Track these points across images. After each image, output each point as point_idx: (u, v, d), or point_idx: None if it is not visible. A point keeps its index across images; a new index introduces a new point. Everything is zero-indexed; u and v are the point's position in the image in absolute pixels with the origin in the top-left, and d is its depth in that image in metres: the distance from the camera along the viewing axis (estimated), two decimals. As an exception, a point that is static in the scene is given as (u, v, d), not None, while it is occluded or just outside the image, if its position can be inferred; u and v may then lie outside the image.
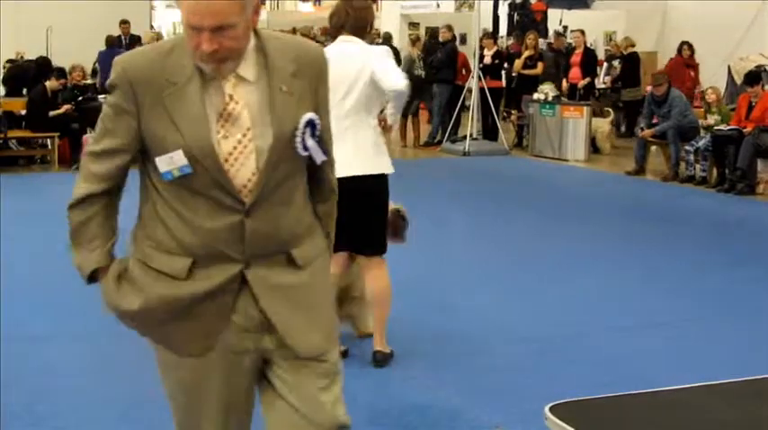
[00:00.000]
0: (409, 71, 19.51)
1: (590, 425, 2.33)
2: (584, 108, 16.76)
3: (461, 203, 12.24)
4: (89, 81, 17.26)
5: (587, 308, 7.26)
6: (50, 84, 14.65)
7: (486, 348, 6.19)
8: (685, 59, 18.31)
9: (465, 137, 17.46)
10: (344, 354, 5.50)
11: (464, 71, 18.29)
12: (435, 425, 4.95)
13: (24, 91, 15.89)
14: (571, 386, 5.08)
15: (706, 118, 14.36)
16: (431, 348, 6.15)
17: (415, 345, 6.11)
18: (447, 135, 18.00)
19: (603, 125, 17.33)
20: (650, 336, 6.54)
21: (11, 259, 8.26)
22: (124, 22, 20.21)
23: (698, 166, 13.92)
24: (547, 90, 17.33)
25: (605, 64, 20.18)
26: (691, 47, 18.20)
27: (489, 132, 17.97)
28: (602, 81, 19.94)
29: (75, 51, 18.34)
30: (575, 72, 18.36)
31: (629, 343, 6.39)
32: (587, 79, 18.29)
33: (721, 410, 2.59)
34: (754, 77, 14.09)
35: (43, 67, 16.17)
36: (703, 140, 13.86)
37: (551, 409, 2.47)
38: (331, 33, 5.50)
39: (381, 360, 5.63)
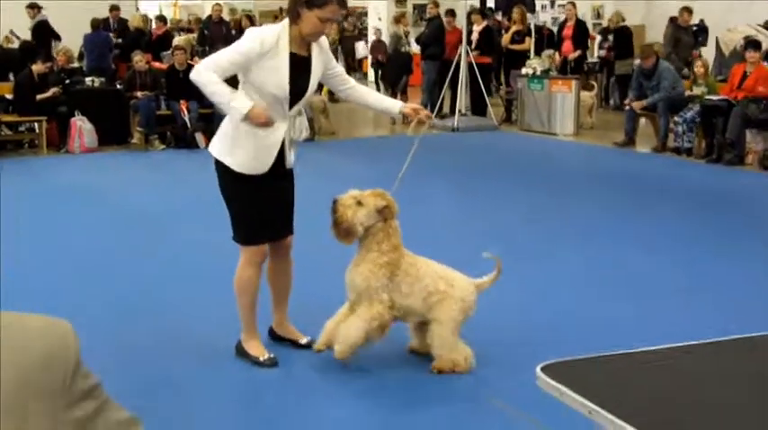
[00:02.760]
0: (395, 49, 19.57)
1: (581, 383, 2.36)
2: (573, 82, 16.78)
3: (451, 179, 12.26)
4: (75, 64, 17.22)
5: (577, 280, 7.29)
6: (37, 67, 14.59)
7: (479, 321, 6.19)
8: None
9: (454, 112, 17.46)
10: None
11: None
12: (430, 397, 4.96)
13: (11, 75, 15.84)
14: (562, 355, 5.11)
15: (692, 89, 14.37)
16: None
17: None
18: (436, 111, 18.00)
19: (586, 98, 17.31)
20: (642, 306, 6.57)
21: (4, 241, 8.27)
22: (114, 8, 20.30)
23: (685, 137, 13.94)
24: (535, 64, 17.34)
25: (598, 37, 20.19)
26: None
27: (478, 108, 17.97)
28: (596, 55, 19.97)
29: (61, 35, 18.34)
30: (567, 45, 18.36)
31: (620, 312, 6.41)
32: (578, 52, 18.29)
33: (711, 365, 2.63)
34: (755, 44, 13.99)
35: (28, 51, 16.12)
36: (691, 112, 13.88)
37: (543, 369, 2.50)
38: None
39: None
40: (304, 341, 5.62)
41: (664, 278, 7.34)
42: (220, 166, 5.22)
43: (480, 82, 17.47)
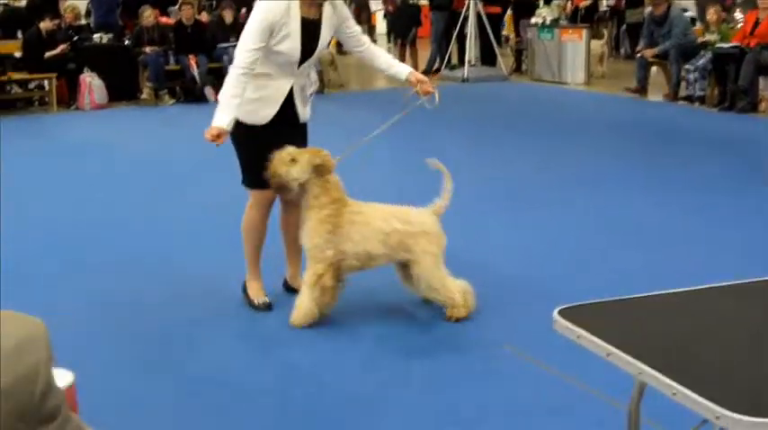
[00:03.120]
0: (404, 0, 19.42)
1: (598, 326, 2.37)
2: (583, 30, 16.66)
3: (461, 129, 12.22)
4: (83, 21, 17.14)
5: (590, 227, 7.28)
6: (44, 25, 14.55)
7: (490, 270, 6.21)
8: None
9: (463, 63, 17.37)
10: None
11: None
12: (444, 344, 4.98)
13: (19, 33, 15.78)
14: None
15: (704, 36, 14.25)
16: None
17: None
18: (445, 62, 17.90)
19: (596, 47, 17.19)
20: (655, 252, 6.56)
21: (14, 199, 8.30)
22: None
23: (698, 85, 13.85)
24: (545, 14, 17.21)
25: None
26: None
27: (488, 58, 17.86)
28: (606, 3, 19.81)
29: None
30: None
31: (634, 259, 6.41)
32: (589, 0, 18.15)
33: (729, 307, 2.64)
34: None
35: (35, 9, 16.05)
36: (703, 59, 13.77)
37: (560, 313, 2.50)
38: None
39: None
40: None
41: (675, 225, 7.33)
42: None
43: (490, 32, 17.36)
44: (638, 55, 15.07)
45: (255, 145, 5.25)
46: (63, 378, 2.30)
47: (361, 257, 5.20)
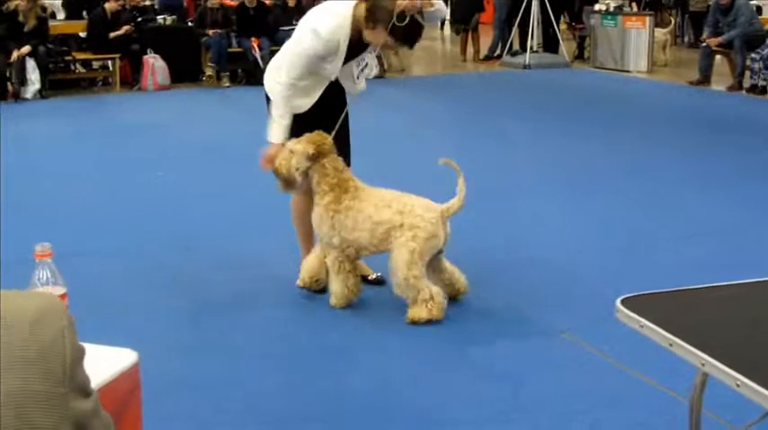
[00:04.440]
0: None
1: (662, 316, 2.35)
2: (647, 18, 16.47)
3: (523, 116, 12.15)
4: (147, 2, 17.30)
5: (649, 216, 7.22)
6: (109, 5, 14.70)
7: (551, 257, 6.20)
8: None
9: (525, 50, 17.28)
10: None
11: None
12: (501, 331, 4.98)
13: (84, 13, 15.97)
14: (635, 291, 5.10)
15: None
16: (497, 258, 6.19)
17: (482, 256, 6.15)
18: (507, 48, 17.81)
19: (659, 35, 16.98)
20: (711, 244, 6.48)
21: (75, 178, 8.42)
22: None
23: (762, 75, 13.63)
24: (608, 0, 17.04)
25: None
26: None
27: (550, 44, 17.74)
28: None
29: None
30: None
31: (691, 249, 6.35)
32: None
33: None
34: None
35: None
36: (768, 49, 13.57)
37: (623, 302, 2.49)
38: None
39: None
40: (373, 276, 5.63)
41: (737, 217, 7.24)
42: None
43: (552, 18, 17.23)
44: (703, 44, 14.87)
45: (296, 131, 5.26)
46: (127, 357, 2.32)
47: (352, 245, 5.15)
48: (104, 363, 2.25)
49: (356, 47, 5.22)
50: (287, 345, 4.90)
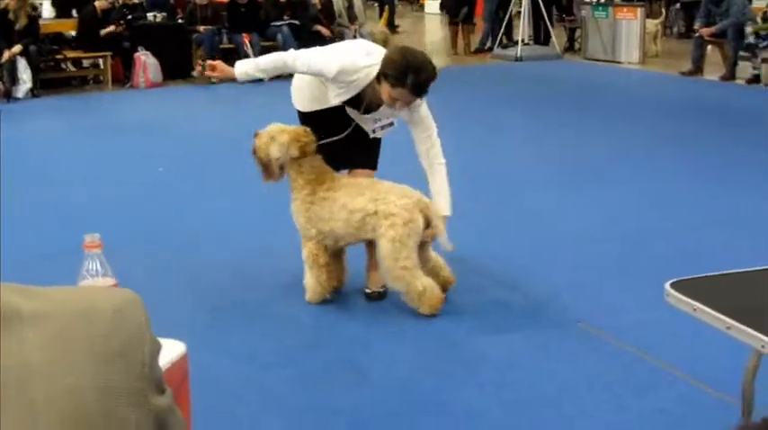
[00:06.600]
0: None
1: (715, 299, 2.34)
2: (638, 9, 16.47)
3: (515, 108, 12.13)
4: (136, 0, 17.21)
5: (652, 206, 7.19)
6: (99, 3, 14.61)
7: (557, 248, 6.19)
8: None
9: (516, 42, 17.26)
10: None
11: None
12: (518, 322, 4.96)
13: (74, 11, 15.87)
14: (643, 282, 5.11)
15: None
16: (507, 248, 6.19)
17: (492, 245, 6.16)
18: (498, 41, 17.79)
19: (650, 26, 16.99)
20: (717, 233, 6.46)
21: (69, 176, 8.36)
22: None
23: (748, 63, 13.65)
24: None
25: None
26: None
27: (540, 37, 17.73)
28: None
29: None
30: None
31: (699, 239, 6.33)
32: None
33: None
34: None
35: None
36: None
37: (672, 285, 2.47)
38: None
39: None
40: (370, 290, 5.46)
41: (725, 206, 7.22)
42: (296, 110, 5.44)
43: (543, 11, 17.22)
44: (696, 34, 14.87)
45: (306, 123, 5.27)
46: (175, 348, 2.29)
47: (329, 236, 5.11)
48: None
49: (367, 107, 5.16)
50: (302, 337, 4.88)
